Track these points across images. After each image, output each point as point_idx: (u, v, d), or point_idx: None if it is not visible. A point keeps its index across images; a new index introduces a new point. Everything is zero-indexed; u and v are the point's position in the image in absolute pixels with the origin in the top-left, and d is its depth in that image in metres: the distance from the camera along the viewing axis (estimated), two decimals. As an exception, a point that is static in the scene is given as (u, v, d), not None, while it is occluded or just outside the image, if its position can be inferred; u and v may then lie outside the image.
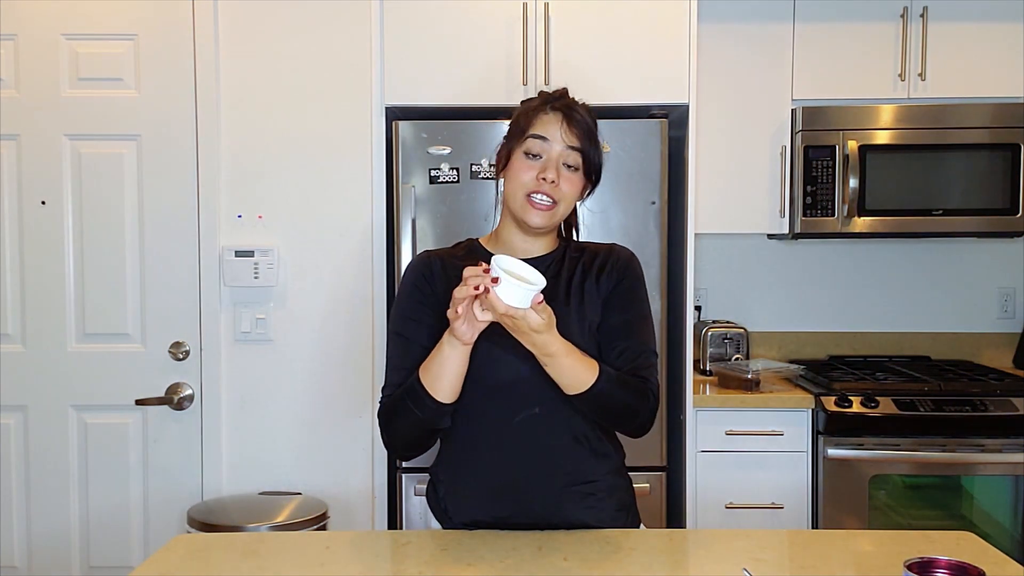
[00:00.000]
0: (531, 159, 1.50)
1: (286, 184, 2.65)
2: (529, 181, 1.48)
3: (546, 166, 1.48)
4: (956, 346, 3.29)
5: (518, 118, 1.54)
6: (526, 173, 1.49)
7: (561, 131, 1.49)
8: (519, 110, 1.56)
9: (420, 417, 1.44)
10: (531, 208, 1.49)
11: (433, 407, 1.43)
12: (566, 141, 1.49)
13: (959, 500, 2.78)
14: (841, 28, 2.94)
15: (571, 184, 1.50)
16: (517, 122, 1.54)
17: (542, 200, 1.48)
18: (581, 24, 2.63)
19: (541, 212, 1.49)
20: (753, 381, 2.78)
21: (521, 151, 1.51)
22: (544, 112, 1.51)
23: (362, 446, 2.67)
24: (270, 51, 2.64)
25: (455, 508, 1.56)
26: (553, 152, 1.49)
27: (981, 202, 2.89)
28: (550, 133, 1.49)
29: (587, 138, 1.51)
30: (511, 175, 1.52)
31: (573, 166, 1.50)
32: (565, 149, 1.49)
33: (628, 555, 1.42)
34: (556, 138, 1.49)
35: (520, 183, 1.49)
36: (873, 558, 1.42)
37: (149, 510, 2.67)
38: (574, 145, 1.49)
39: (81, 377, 2.64)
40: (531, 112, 1.52)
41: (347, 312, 2.66)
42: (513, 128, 1.54)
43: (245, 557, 1.44)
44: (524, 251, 1.55)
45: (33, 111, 2.61)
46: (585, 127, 1.51)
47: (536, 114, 1.51)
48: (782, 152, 2.95)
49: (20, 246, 2.63)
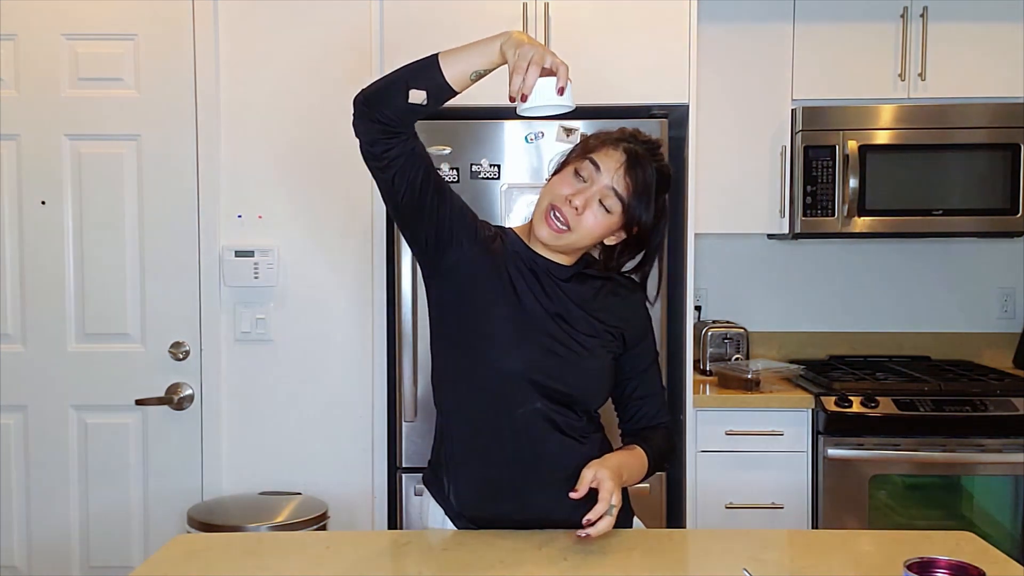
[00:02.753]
0: (576, 178, 1.48)
1: (286, 184, 2.65)
2: (559, 196, 1.47)
3: (582, 192, 1.46)
4: (956, 346, 3.29)
5: (590, 139, 1.53)
6: (562, 187, 1.47)
7: (616, 170, 1.46)
8: (591, 136, 1.54)
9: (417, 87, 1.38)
10: (545, 221, 1.47)
11: (438, 81, 1.38)
12: (614, 182, 1.46)
13: (959, 500, 2.78)
14: (841, 28, 2.94)
15: (596, 220, 1.46)
16: (587, 142, 1.52)
17: (557, 219, 1.46)
18: (581, 24, 2.63)
19: (551, 230, 1.47)
20: (753, 381, 2.78)
21: (573, 167, 1.49)
22: (614, 147, 1.48)
23: (362, 446, 2.67)
24: (270, 51, 2.64)
25: (458, 502, 1.55)
26: (597, 184, 1.46)
27: (981, 202, 2.89)
28: (605, 166, 1.46)
29: (637, 192, 1.46)
30: (552, 182, 1.51)
31: (609, 209, 1.47)
32: (609, 188, 1.46)
33: (628, 555, 1.42)
34: (607, 173, 1.46)
35: (552, 193, 1.48)
36: (873, 558, 1.42)
37: (149, 510, 2.67)
38: (620, 191, 1.46)
39: (81, 377, 2.64)
40: (604, 139, 1.51)
41: (347, 312, 2.66)
42: (582, 144, 1.53)
43: (245, 557, 1.44)
44: (546, 251, 1.54)
45: (33, 111, 2.61)
46: (641, 181, 1.46)
47: (606, 145, 1.49)
48: (782, 152, 2.95)
49: (20, 246, 2.63)
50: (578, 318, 1.52)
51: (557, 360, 1.49)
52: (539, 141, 2.55)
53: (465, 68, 1.38)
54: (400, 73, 1.41)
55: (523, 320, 1.49)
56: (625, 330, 1.57)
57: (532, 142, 2.56)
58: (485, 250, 1.52)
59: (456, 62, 1.38)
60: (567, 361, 1.49)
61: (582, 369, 1.51)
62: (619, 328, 1.56)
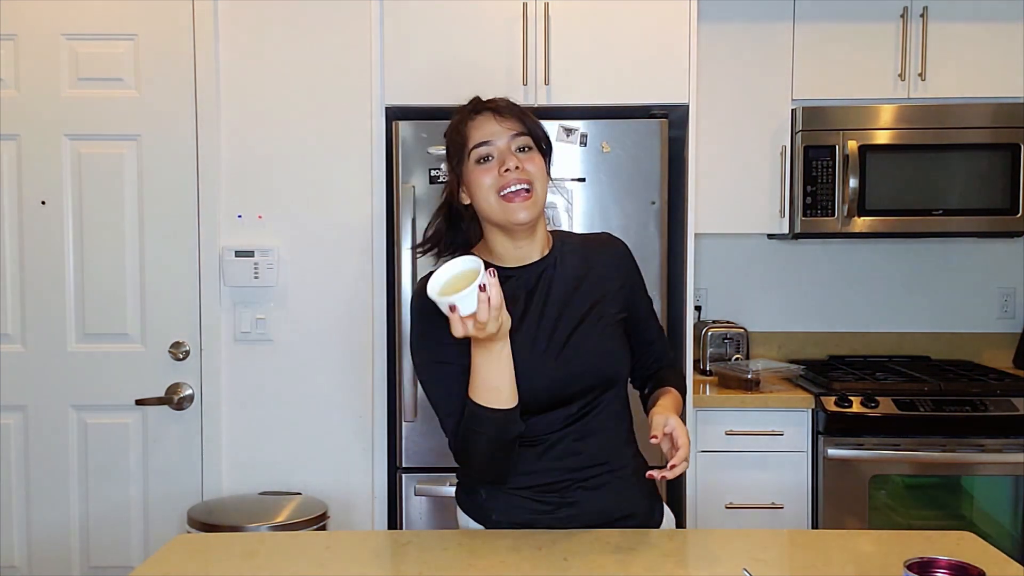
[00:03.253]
0: (484, 164, 1.47)
1: (286, 184, 2.65)
2: (493, 181, 1.45)
3: (502, 160, 1.46)
4: (956, 346, 3.29)
5: (452, 140, 1.51)
6: (487, 177, 1.46)
7: (498, 125, 1.47)
8: (449, 133, 1.52)
9: (491, 435, 1.39)
10: (510, 203, 1.45)
11: (499, 418, 1.38)
12: (507, 130, 1.47)
13: (959, 500, 2.78)
14: (841, 28, 2.94)
15: (534, 162, 1.48)
16: (453, 144, 1.51)
17: (517, 189, 1.45)
18: (581, 24, 2.63)
19: (523, 202, 1.45)
20: (753, 381, 2.78)
21: (471, 164, 1.48)
22: (472, 120, 1.49)
23: (362, 446, 2.67)
24: (270, 51, 2.63)
25: (503, 510, 1.53)
26: (501, 146, 1.47)
27: (981, 202, 2.89)
28: (489, 133, 1.47)
29: (522, 118, 1.49)
30: (474, 188, 1.48)
31: (525, 147, 1.48)
32: (510, 138, 1.47)
33: (628, 555, 1.42)
34: (497, 133, 1.47)
35: (486, 188, 1.46)
36: (873, 558, 1.42)
37: (149, 510, 2.67)
38: (516, 130, 1.47)
39: (81, 377, 2.64)
40: (461, 127, 1.49)
41: (347, 312, 2.66)
42: (452, 151, 1.51)
43: (245, 557, 1.44)
44: (518, 258, 1.52)
45: (33, 111, 2.61)
46: (515, 110, 1.49)
47: (466, 126, 1.49)
48: (782, 152, 2.95)
49: (20, 246, 2.63)
50: (583, 298, 1.52)
51: (580, 360, 1.49)
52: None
53: (483, 379, 1.36)
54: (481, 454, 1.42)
55: (534, 339, 1.48)
56: (623, 284, 1.58)
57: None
58: None
59: (475, 390, 1.37)
60: (590, 353, 1.50)
61: (606, 352, 1.52)
62: (618, 284, 1.57)
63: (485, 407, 1.37)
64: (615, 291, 1.56)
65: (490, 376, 1.36)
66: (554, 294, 1.52)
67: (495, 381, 1.37)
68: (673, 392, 1.59)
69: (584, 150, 2.56)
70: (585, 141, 2.55)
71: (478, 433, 1.40)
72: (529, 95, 2.62)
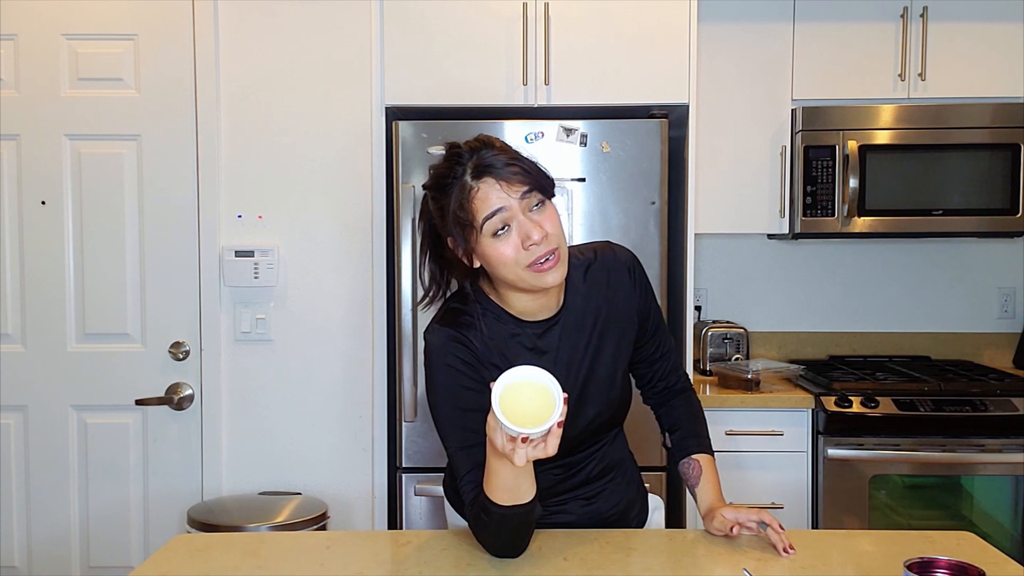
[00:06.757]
0: (501, 235, 1.33)
1: (286, 184, 2.65)
2: (520, 256, 1.33)
3: (522, 230, 1.32)
4: (956, 346, 3.29)
5: (456, 216, 1.33)
6: (509, 251, 1.33)
7: (504, 191, 1.32)
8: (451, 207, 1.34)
9: (511, 527, 1.33)
10: (542, 275, 1.34)
11: (518, 514, 1.31)
12: (516, 194, 1.32)
13: (959, 500, 2.78)
14: (841, 28, 2.94)
15: (551, 220, 1.35)
16: (457, 220, 1.34)
17: (547, 261, 1.33)
18: (581, 24, 2.63)
19: (553, 270, 1.34)
20: (753, 381, 2.78)
21: (486, 238, 1.33)
22: (475, 190, 1.32)
23: (362, 446, 2.67)
24: (270, 51, 2.64)
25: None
26: (514, 212, 1.32)
27: (981, 202, 2.89)
28: (498, 201, 1.32)
29: (525, 172, 1.34)
30: (494, 262, 1.35)
31: (537, 202, 1.35)
32: (520, 200, 1.32)
33: (628, 555, 1.42)
34: (506, 200, 1.32)
35: (511, 264, 1.33)
36: (873, 558, 1.42)
37: (149, 510, 2.67)
38: (524, 189, 1.33)
39: (81, 377, 2.64)
40: (464, 202, 1.32)
41: (347, 312, 2.66)
42: (455, 222, 1.34)
43: (245, 557, 1.44)
44: (532, 313, 1.44)
45: (33, 111, 2.61)
46: (515, 166, 1.33)
47: (470, 201, 1.32)
48: (782, 152, 2.95)
49: (20, 246, 2.63)
50: (593, 349, 1.49)
51: (587, 420, 1.49)
52: (539, 141, 2.55)
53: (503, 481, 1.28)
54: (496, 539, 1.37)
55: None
56: (634, 304, 1.53)
57: (532, 142, 2.56)
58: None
59: (493, 489, 1.29)
60: (602, 393, 1.50)
61: (615, 391, 1.52)
62: (630, 307, 1.53)
63: (501, 506, 1.29)
64: (627, 317, 1.52)
65: (508, 479, 1.28)
66: (563, 350, 1.47)
67: (514, 483, 1.28)
68: (709, 462, 1.60)
69: (584, 150, 2.56)
70: (585, 141, 2.55)
71: (490, 524, 1.33)
72: (529, 95, 2.62)
